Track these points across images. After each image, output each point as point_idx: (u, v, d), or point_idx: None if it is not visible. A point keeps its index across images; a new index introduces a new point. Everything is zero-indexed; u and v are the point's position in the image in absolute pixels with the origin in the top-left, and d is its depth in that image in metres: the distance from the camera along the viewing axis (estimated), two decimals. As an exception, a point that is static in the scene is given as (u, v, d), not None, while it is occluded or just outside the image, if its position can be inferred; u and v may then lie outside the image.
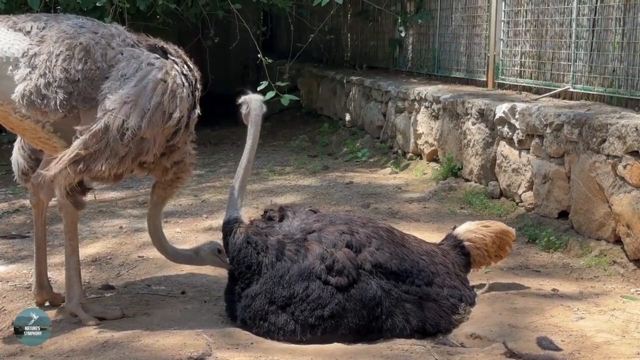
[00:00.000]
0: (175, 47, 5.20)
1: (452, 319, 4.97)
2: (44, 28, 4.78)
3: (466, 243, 5.50)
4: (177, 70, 4.94)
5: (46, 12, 7.40)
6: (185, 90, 4.93)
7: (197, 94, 5.12)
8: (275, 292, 4.74)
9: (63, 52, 4.69)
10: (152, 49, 5.07)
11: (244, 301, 4.83)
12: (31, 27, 4.79)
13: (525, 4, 9.20)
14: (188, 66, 5.10)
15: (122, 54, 4.85)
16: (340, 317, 4.69)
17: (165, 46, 5.12)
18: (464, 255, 5.47)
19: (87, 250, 6.89)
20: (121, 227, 7.77)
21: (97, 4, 10.63)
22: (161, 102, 4.79)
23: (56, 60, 4.66)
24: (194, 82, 5.08)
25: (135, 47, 4.99)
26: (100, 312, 5.07)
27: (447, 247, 5.47)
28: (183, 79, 4.95)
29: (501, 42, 9.78)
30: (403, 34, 12.98)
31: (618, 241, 6.22)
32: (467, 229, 5.57)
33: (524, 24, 9.29)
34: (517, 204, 7.87)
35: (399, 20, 12.86)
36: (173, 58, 5.04)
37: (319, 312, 4.67)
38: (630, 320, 4.94)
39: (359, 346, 4.72)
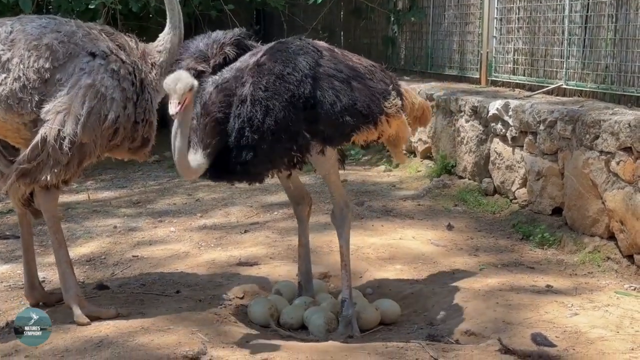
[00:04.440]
0: (126, 39, 5.24)
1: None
2: (11, 32, 4.83)
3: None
4: (110, 69, 4.95)
5: (38, 14, 7.38)
6: (116, 91, 4.94)
7: (140, 87, 5.11)
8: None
9: (33, 54, 4.75)
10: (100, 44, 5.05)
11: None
12: None
13: (518, 1, 9.21)
14: (123, 61, 5.05)
15: (77, 54, 4.89)
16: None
17: (109, 44, 5.07)
18: None
19: (81, 250, 6.88)
20: (115, 227, 7.76)
21: (90, 6, 10.61)
22: (93, 106, 4.85)
23: (28, 62, 4.74)
24: (130, 77, 5.06)
25: (94, 40, 4.99)
26: (95, 311, 5.06)
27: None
28: (116, 78, 4.96)
29: (494, 39, 9.79)
30: (396, 32, 12.98)
31: (612, 237, 6.24)
32: None
33: (516, 21, 9.30)
34: (510, 200, 7.88)
35: (392, 18, 12.86)
36: (108, 57, 4.99)
37: None
38: (625, 316, 4.95)
39: (354, 344, 4.73)
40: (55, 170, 4.81)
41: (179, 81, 4.33)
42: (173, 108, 4.29)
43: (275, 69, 4.57)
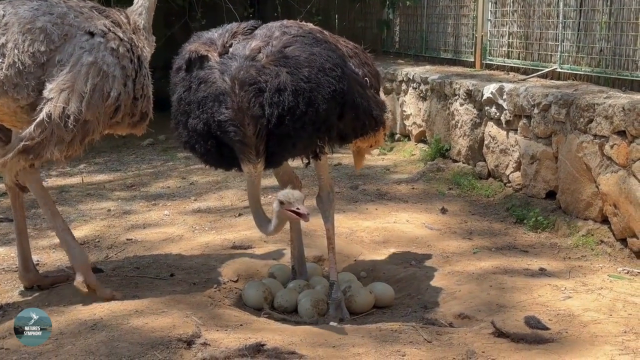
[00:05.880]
0: (118, 14, 5.25)
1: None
2: (3, 16, 4.81)
3: None
4: (109, 48, 4.97)
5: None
6: (117, 68, 4.98)
7: (138, 63, 5.14)
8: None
9: (27, 37, 4.74)
10: (96, 22, 5.06)
11: None
12: None
13: (513, -16, 9.19)
14: (121, 39, 5.07)
15: (74, 35, 4.88)
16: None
17: (105, 22, 5.09)
18: None
19: (75, 233, 6.76)
20: (109, 210, 7.75)
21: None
22: (96, 84, 4.87)
23: (22, 47, 4.72)
24: (129, 54, 5.09)
25: (89, 19, 5.00)
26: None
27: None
28: (116, 56, 4.99)
29: (489, 22, 9.78)
30: (391, 15, 12.94)
31: (605, 221, 6.26)
32: None
33: (511, 4, 9.28)
34: (504, 184, 7.89)
35: (387, 1, 12.81)
36: (107, 35, 5.01)
37: None
38: (617, 299, 4.97)
39: (348, 327, 4.74)
40: (59, 147, 4.82)
41: (294, 193, 4.63)
42: (305, 210, 4.58)
43: (317, 62, 4.56)
